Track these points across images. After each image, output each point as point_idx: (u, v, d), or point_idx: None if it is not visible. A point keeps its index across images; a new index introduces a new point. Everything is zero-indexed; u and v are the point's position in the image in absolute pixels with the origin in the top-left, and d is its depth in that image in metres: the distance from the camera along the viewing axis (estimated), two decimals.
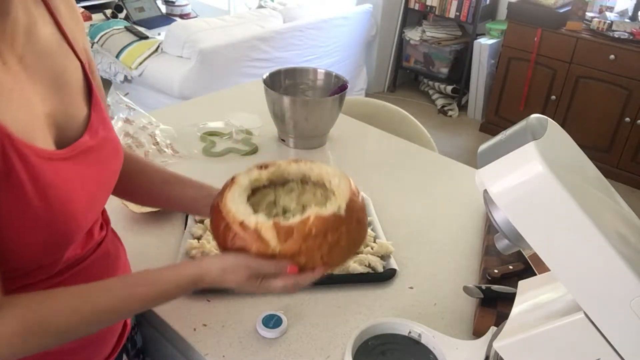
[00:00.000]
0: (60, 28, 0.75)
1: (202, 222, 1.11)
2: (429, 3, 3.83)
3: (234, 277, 0.73)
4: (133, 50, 3.12)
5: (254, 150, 1.46)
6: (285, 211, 0.80)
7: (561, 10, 3.21)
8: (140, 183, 0.91)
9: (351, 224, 0.73)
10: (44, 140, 0.67)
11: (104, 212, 0.85)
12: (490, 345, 0.81)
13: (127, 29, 3.35)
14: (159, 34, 3.55)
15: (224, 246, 0.75)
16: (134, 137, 1.38)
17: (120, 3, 3.86)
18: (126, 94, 1.52)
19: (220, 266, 0.74)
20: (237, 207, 0.74)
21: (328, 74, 1.58)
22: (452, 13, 3.76)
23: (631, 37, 3.00)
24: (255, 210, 0.75)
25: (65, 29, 0.75)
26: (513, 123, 0.61)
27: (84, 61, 0.78)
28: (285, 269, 0.72)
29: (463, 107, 3.98)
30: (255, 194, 0.81)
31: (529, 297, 0.72)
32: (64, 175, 0.68)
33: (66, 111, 0.72)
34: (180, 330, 0.89)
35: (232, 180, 0.79)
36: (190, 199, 0.90)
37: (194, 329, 0.90)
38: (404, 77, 4.37)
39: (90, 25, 3.58)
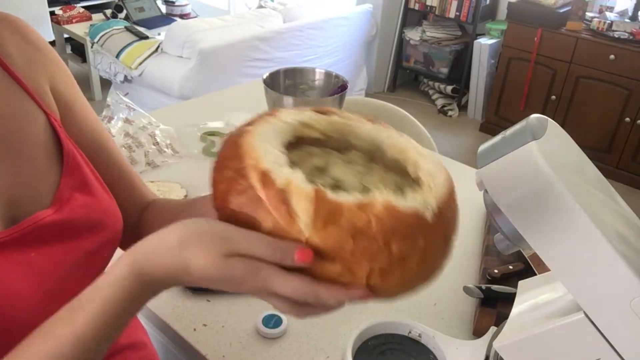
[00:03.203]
0: (10, 74, 0.59)
1: None
2: (429, 3, 3.83)
3: (200, 255, 0.44)
4: (133, 50, 3.12)
5: None
6: (337, 186, 0.51)
7: (561, 10, 3.21)
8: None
9: (435, 239, 0.47)
10: None
11: None
12: (490, 345, 0.81)
13: (127, 29, 3.35)
14: (159, 34, 3.55)
15: (221, 207, 0.47)
16: (134, 137, 1.38)
17: (120, 3, 3.86)
18: (126, 94, 1.52)
19: (177, 237, 0.45)
20: (265, 147, 0.47)
21: (328, 74, 1.58)
22: (452, 13, 3.76)
23: (631, 37, 3.00)
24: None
25: (19, 73, 0.60)
26: (513, 123, 0.61)
27: (51, 111, 0.62)
28: (292, 254, 0.43)
29: (463, 107, 3.98)
30: (298, 148, 0.54)
31: (529, 297, 0.72)
32: None
33: (21, 182, 0.57)
34: (180, 330, 0.89)
35: (271, 113, 0.53)
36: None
37: (194, 329, 0.90)
38: (404, 77, 4.37)
39: (90, 25, 3.59)
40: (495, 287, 0.95)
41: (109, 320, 0.46)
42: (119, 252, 0.70)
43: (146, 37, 3.26)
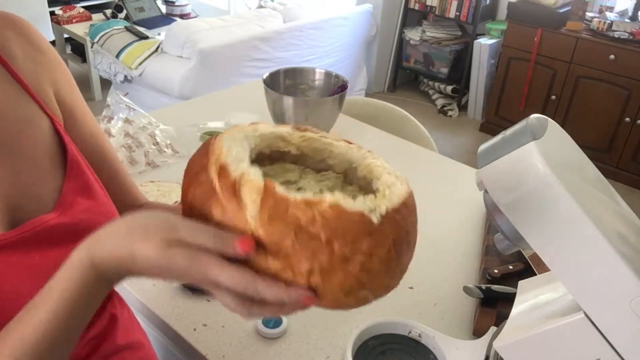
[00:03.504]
0: (14, 76, 0.59)
1: None
2: (429, 3, 3.83)
3: (144, 245, 0.45)
4: (133, 50, 3.13)
5: None
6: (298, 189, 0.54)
7: (561, 10, 3.21)
8: None
9: (381, 244, 0.46)
10: None
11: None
12: (490, 345, 0.81)
13: (127, 29, 3.35)
14: (159, 34, 3.56)
15: (184, 200, 0.50)
16: (134, 137, 1.38)
17: (120, 3, 3.86)
18: (126, 94, 1.52)
19: (126, 227, 0.47)
20: (231, 146, 0.49)
21: (328, 74, 1.58)
22: (452, 13, 3.76)
23: (631, 37, 3.00)
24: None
25: (23, 76, 0.59)
26: (513, 123, 0.61)
27: (54, 115, 0.62)
28: (232, 244, 0.44)
29: (463, 107, 3.98)
30: (275, 163, 0.57)
31: (529, 297, 0.72)
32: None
33: (22, 185, 0.57)
34: (180, 330, 0.89)
35: (251, 124, 0.55)
36: None
37: (194, 329, 0.90)
38: (404, 77, 4.37)
39: (90, 25, 3.59)
40: (495, 287, 0.95)
41: (69, 309, 0.47)
42: None
43: (146, 37, 3.26)
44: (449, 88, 3.99)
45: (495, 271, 1.00)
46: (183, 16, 4.13)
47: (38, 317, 0.47)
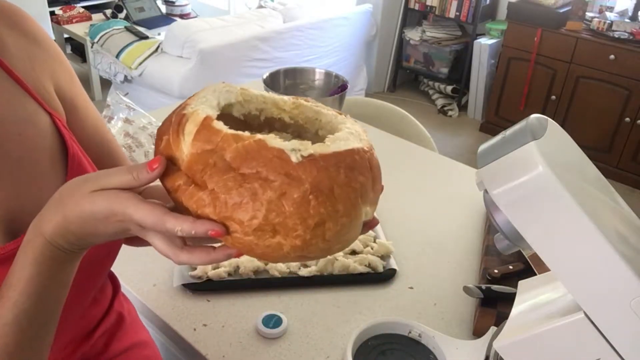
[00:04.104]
0: (10, 73, 0.55)
1: None
2: (429, 3, 3.83)
3: (71, 200, 0.46)
4: (133, 50, 3.12)
5: None
6: None
7: (561, 10, 3.21)
8: None
9: (296, 188, 0.43)
10: None
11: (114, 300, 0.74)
12: (490, 345, 0.81)
13: (127, 29, 3.35)
14: (159, 34, 3.56)
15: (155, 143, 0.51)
16: (134, 137, 1.38)
17: (120, 3, 3.86)
18: (126, 94, 1.52)
19: (58, 193, 0.48)
20: (205, 96, 0.50)
21: (328, 74, 1.58)
22: (452, 13, 3.76)
23: (631, 37, 3.00)
24: None
25: (19, 72, 0.56)
26: (513, 123, 0.61)
27: (55, 111, 0.59)
28: (145, 167, 0.45)
29: (463, 107, 3.98)
30: (272, 132, 0.57)
31: (529, 297, 0.72)
32: None
33: (20, 192, 0.55)
34: (180, 330, 0.89)
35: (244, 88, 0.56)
36: None
37: (194, 329, 0.90)
38: (404, 77, 4.37)
39: (90, 25, 3.59)
40: (495, 287, 0.95)
41: (33, 284, 0.48)
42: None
43: (146, 37, 3.26)
44: (449, 88, 3.99)
45: (495, 271, 1.00)
46: (183, 16, 4.13)
47: (10, 299, 0.48)
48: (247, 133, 0.45)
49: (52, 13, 3.92)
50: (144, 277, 0.98)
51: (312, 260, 0.50)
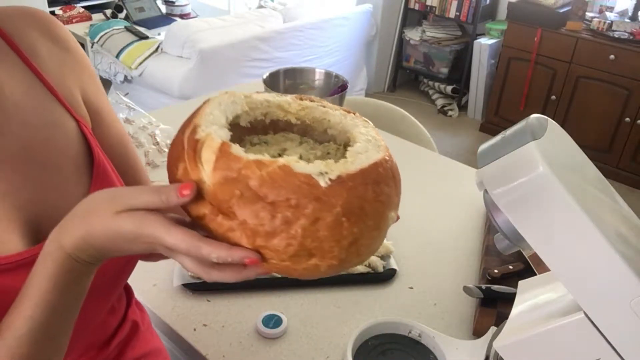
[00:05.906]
0: (40, 78, 0.55)
1: None
2: (429, 3, 3.83)
3: (96, 219, 0.46)
4: (133, 50, 3.13)
5: None
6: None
7: (561, 10, 3.21)
8: None
9: (329, 212, 0.43)
10: (7, 243, 0.51)
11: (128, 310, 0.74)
12: (490, 345, 0.81)
13: (127, 29, 3.35)
14: (159, 34, 3.55)
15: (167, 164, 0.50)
16: (134, 137, 1.38)
17: (120, 3, 3.86)
18: (126, 94, 1.52)
19: (81, 209, 0.47)
20: (212, 111, 0.50)
21: (328, 74, 1.58)
22: (452, 13, 3.76)
23: (631, 37, 3.00)
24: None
25: (49, 78, 0.56)
26: (513, 123, 0.61)
27: (81, 117, 0.59)
28: (175, 192, 0.44)
29: (463, 107, 3.98)
30: (278, 133, 0.57)
31: (529, 297, 0.72)
32: (9, 286, 0.51)
33: (44, 197, 0.55)
34: (180, 330, 0.89)
35: (248, 95, 0.55)
36: None
37: (194, 329, 0.90)
38: (404, 77, 4.37)
39: (90, 25, 3.59)
40: (495, 287, 0.95)
41: (50, 297, 0.47)
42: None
43: (146, 37, 3.26)
44: (449, 88, 3.99)
45: (495, 271, 1.00)
46: (183, 16, 4.13)
47: (26, 311, 0.48)
48: (267, 157, 0.44)
49: (52, 13, 3.92)
50: (144, 277, 0.98)
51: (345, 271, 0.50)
